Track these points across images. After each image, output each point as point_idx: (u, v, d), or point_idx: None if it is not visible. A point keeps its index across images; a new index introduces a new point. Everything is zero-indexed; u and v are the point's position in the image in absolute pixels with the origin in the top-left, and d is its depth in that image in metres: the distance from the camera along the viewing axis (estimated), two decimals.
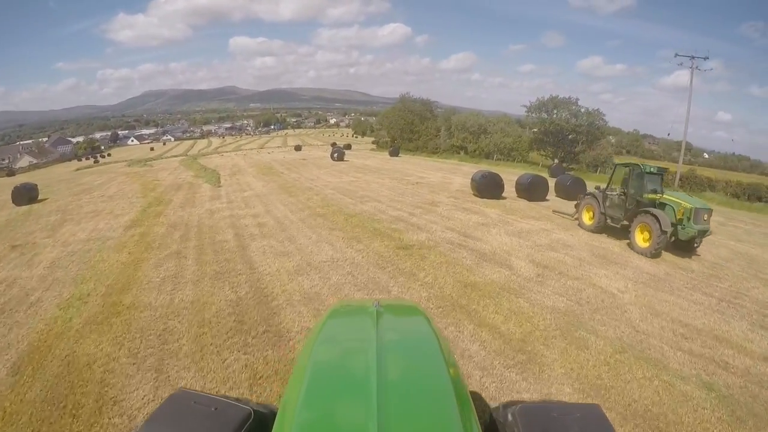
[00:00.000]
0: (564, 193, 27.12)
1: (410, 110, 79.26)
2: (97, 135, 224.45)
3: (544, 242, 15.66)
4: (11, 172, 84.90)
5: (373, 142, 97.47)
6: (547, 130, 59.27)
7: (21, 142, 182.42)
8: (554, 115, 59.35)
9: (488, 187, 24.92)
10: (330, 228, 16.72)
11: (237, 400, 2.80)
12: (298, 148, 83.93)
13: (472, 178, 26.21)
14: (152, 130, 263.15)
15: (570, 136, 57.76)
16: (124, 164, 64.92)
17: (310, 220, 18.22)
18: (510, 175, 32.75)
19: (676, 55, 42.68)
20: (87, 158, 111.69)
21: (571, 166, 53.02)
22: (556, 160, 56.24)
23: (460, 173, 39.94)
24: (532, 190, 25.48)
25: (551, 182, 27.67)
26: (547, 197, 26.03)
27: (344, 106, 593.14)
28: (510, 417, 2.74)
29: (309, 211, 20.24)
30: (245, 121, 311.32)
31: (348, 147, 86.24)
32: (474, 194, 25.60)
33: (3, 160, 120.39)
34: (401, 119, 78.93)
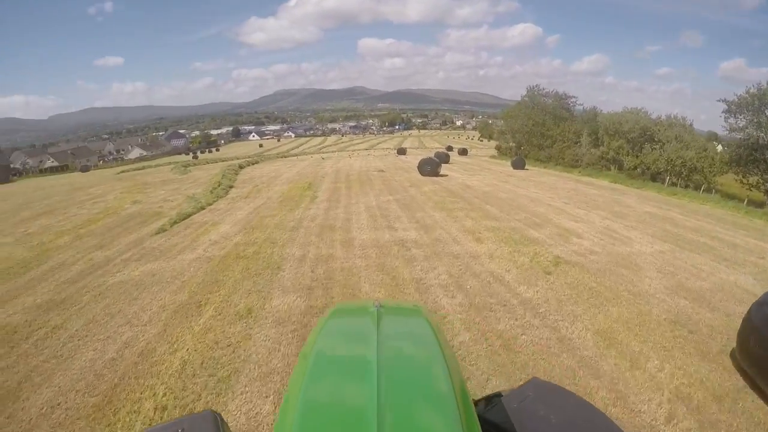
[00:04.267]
0: None
1: (541, 107, 59.52)
2: (223, 130, 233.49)
3: None
4: (86, 167, 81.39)
5: (496, 147, 78.84)
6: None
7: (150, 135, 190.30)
8: None
9: None
10: None
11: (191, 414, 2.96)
12: (401, 151, 70.99)
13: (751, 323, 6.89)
14: (277, 127, 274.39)
15: None
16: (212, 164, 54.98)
17: None
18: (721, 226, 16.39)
19: None
20: (192, 153, 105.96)
21: None
22: None
23: (632, 218, 20.91)
24: None
25: None
26: None
27: (473, 108, 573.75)
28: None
29: None
30: (370, 121, 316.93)
31: (464, 152, 69.21)
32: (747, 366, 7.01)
33: (121, 150, 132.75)
34: (529, 119, 59.16)
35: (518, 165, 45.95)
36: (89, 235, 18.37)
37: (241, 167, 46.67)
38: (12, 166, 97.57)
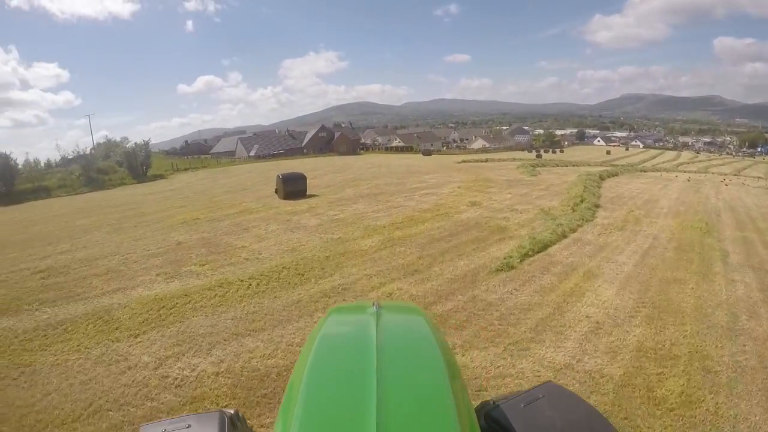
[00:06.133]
0: None
1: None
2: (567, 131, 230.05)
3: None
4: (428, 151, 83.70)
5: None
6: None
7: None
8: None
9: None
10: None
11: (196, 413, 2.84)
12: None
13: None
14: (624, 134, 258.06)
15: None
16: (560, 168, 47.78)
17: None
18: None
19: None
20: (536, 151, 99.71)
21: None
22: None
23: None
24: None
25: None
26: None
27: None
28: (485, 423, 2.61)
29: None
30: (727, 138, 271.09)
31: None
32: None
33: (465, 139, 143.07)
34: None
35: None
36: (405, 244, 13.16)
37: (601, 178, 35.87)
38: (362, 141, 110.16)
